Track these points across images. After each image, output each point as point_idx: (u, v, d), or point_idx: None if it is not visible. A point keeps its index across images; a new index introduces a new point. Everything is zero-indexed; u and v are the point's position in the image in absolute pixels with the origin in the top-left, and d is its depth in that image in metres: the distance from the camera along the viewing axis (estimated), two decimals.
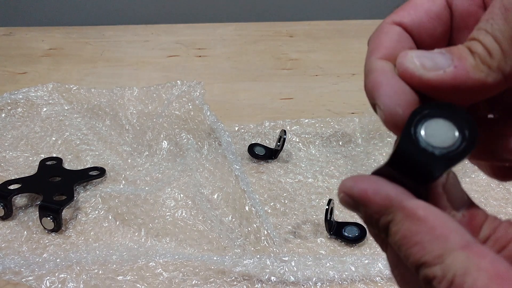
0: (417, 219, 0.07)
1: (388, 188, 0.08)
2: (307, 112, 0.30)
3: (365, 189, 0.08)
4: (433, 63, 0.08)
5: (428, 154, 0.08)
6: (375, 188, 0.08)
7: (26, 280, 0.18)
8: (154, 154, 0.25)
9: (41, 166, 0.24)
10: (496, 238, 0.08)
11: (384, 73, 0.08)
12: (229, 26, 0.41)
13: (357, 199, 0.08)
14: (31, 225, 0.21)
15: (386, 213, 0.08)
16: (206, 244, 0.20)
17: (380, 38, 0.09)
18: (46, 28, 0.39)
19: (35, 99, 0.29)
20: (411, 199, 0.08)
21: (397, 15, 0.09)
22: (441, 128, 0.08)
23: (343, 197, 0.08)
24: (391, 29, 0.09)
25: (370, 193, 0.08)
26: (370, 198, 0.08)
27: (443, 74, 0.08)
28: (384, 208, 0.08)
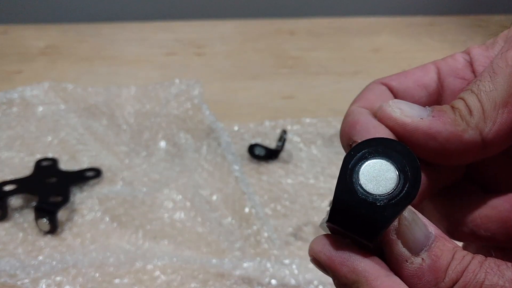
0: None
1: (355, 259, 0.08)
2: (309, 112, 0.29)
3: (332, 257, 0.08)
4: (412, 110, 0.08)
5: (368, 204, 0.07)
6: (342, 258, 0.08)
7: (22, 283, 0.18)
8: (152, 154, 0.25)
9: (36, 167, 0.24)
10: (464, 283, 0.07)
11: (361, 114, 0.09)
12: (228, 24, 0.40)
13: (325, 265, 0.08)
14: (26, 226, 0.21)
15: (353, 285, 0.08)
16: (205, 247, 0.20)
17: (364, 93, 0.09)
18: (42, 26, 0.39)
19: (30, 99, 0.28)
20: (378, 277, 0.07)
21: (386, 78, 0.09)
22: (380, 170, 0.07)
23: (312, 260, 0.08)
24: (376, 86, 0.09)
25: (337, 262, 0.08)
26: (337, 268, 0.08)
27: (419, 121, 0.08)
28: (350, 281, 0.08)
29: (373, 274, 0.07)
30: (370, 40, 0.38)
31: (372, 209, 0.07)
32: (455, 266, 0.07)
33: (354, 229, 0.07)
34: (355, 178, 0.07)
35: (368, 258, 0.08)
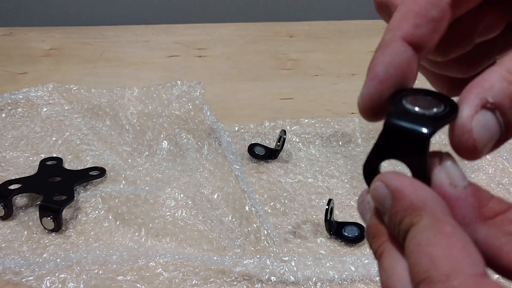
0: (440, 232, 0.07)
1: (426, 194, 0.08)
2: (307, 112, 0.30)
3: (405, 184, 0.08)
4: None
5: (419, 115, 0.08)
6: (415, 188, 0.08)
7: (26, 280, 0.18)
8: (154, 154, 0.25)
9: (41, 166, 0.24)
10: (508, 218, 0.07)
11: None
12: (229, 26, 0.41)
13: (393, 191, 0.08)
14: (31, 225, 0.21)
15: (413, 215, 0.07)
16: (206, 244, 0.20)
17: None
18: (46, 28, 0.39)
19: (35, 99, 0.29)
20: (445, 213, 0.07)
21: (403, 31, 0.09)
22: (423, 100, 0.08)
23: (378, 186, 0.08)
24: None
25: (408, 189, 0.08)
26: (406, 194, 0.08)
27: None
28: (414, 209, 0.07)
29: (441, 210, 0.07)
30: (367, 42, 0.39)
31: (422, 118, 0.08)
32: (497, 203, 0.07)
33: (404, 143, 0.08)
34: (404, 101, 0.08)
35: (439, 199, 0.08)
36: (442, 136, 0.26)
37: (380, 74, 0.08)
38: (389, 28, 0.09)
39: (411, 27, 0.09)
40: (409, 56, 0.09)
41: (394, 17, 0.09)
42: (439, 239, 0.07)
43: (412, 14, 0.09)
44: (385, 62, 0.08)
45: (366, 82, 0.08)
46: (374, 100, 0.08)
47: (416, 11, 0.09)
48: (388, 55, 0.08)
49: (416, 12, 0.09)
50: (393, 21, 0.09)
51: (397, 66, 0.08)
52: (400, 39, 0.09)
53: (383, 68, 0.08)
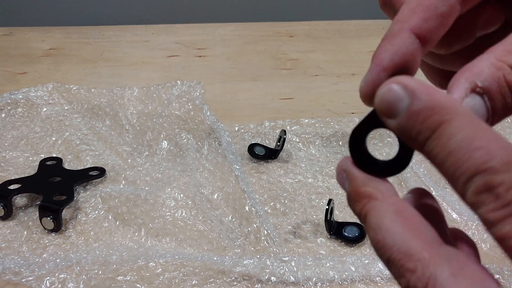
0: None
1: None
2: (307, 112, 0.30)
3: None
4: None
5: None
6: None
7: (26, 280, 0.18)
8: (154, 154, 0.25)
9: (41, 166, 0.24)
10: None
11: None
12: (229, 26, 0.40)
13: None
14: (31, 225, 0.21)
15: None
16: (206, 244, 0.20)
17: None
18: (46, 28, 0.39)
19: (35, 99, 0.29)
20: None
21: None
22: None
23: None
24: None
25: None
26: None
27: None
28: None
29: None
30: (367, 42, 0.39)
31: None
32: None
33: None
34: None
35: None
36: None
37: (385, 62, 0.09)
38: (398, 20, 0.09)
39: (420, 20, 0.09)
40: (414, 47, 0.09)
41: (403, 10, 0.09)
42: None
43: (421, 8, 0.09)
44: (391, 51, 0.09)
45: (371, 68, 0.09)
46: (376, 85, 0.08)
47: (426, 5, 0.09)
48: (395, 44, 0.09)
49: (426, 6, 0.09)
50: (402, 13, 0.09)
51: (402, 55, 0.09)
52: (408, 30, 0.09)
53: (389, 56, 0.09)
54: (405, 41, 0.09)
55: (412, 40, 0.09)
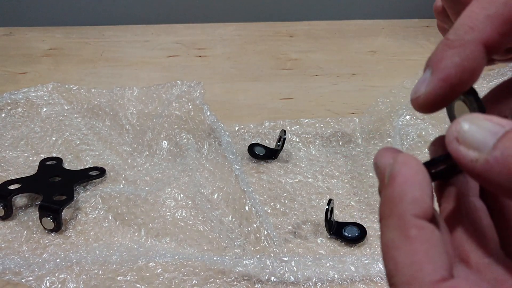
0: (405, 236, 0.07)
1: (409, 186, 0.07)
2: (307, 112, 0.30)
3: (403, 169, 0.07)
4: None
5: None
6: (405, 177, 0.07)
7: (26, 280, 0.18)
8: (154, 154, 0.25)
9: (41, 166, 0.24)
10: None
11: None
12: (229, 26, 0.41)
13: (391, 174, 0.07)
14: (31, 225, 0.21)
15: (390, 206, 0.07)
16: (206, 244, 0.20)
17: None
18: (46, 28, 0.39)
19: (35, 99, 0.29)
20: (412, 215, 0.07)
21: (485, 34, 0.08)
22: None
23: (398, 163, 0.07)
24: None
25: (400, 176, 0.07)
26: (397, 182, 0.07)
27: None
28: (391, 201, 0.07)
29: (410, 208, 0.07)
30: (367, 42, 0.39)
31: None
32: None
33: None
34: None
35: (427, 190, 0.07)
36: None
37: (454, 79, 0.08)
38: (470, 26, 0.08)
39: (497, 34, 0.08)
40: (484, 62, 0.08)
41: (477, 14, 0.08)
42: (403, 244, 0.07)
43: (501, 19, 0.08)
44: (460, 66, 0.08)
45: (434, 82, 0.08)
46: (438, 100, 0.08)
47: (506, 17, 0.08)
48: (465, 59, 0.08)
49: (507, 19, 0.08)
50: (476, 20, 0.08)
51: (471, 71, 0.08)
52: (481, 43, 0.08)
53: (458, 72, 0.08)
54: (476, 56, 0.08)
55: (483, 55, 0.08)
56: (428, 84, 0.08)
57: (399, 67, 0.35)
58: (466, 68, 0.08)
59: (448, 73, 0.08)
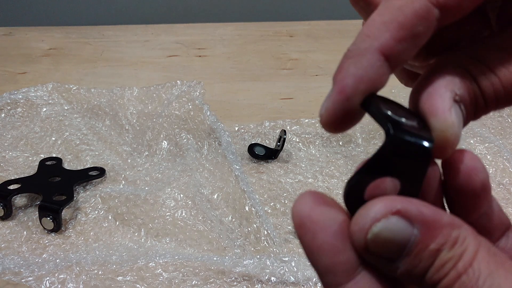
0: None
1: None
2: (307, 112, 0.30)
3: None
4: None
5: (414, 128, 0.07)
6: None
7: (26, 280, 0.18)
8: (154, 154, 0.25)
9: (40, 166, 0.24)
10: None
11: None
12: (229, 26, 0.40)
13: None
14: (30, 225, 0.21)
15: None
16: (206, 245, 0.20)
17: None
18: (46, 28, 0.39)
19: (34, 99, 0.29)
20: (333, 284, 0.07)
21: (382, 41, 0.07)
22: (399, 110, 0.07)
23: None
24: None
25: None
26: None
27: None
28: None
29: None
30: None
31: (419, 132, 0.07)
32: (432, 275, 0.06)
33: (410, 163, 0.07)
34: (390, 114, 0.07)
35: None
36: None
37: (349, 89, 0.07)
38: (366, 34, 0.08)
39: (393, 40, 0.07)
40: (383, 71, 0.07)
41: (374, 22, 0.08)
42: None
43: (395, 24, 0.07)
44: (356, 76, 0.07)
45: (333, 95, 0.07)
46: (338, 114, 0.07)
47: (401, 22, 0.07)
48: (361, 68, 0.07)
49: (401, 24, 0.07)
50: (372, 27, 0.08)
51: (369, 81, 0.07)
52: (377, 51, 0.07)
53: (354, 82, 0.07)
54: (374, 65, 0.07)
55: (381, 64, 0.07)
56: (328, 99, 0.07)
57: None
58: (363, 78, 0.07)
59: (344, 84, 0.07)
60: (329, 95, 0.08)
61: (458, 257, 0.06)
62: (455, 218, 0.07)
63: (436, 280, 0.07)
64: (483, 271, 0.06)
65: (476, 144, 0.26)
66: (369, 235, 0.07)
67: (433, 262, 0.07)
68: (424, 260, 0.07)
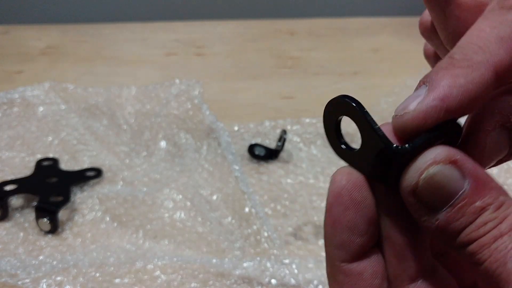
0: (334, 280, 0.07)
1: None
2: (308, 112, 0.29)
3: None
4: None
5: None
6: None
7: (23, 282, 0.18)
8: (152, 154, 0.25)
9: (37, 167, 0.24)
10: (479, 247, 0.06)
11: None
12: (228, 24, 0.40)
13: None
14: (27, 226, 0.21)
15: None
16: (205, 246, 0.20)
17: None
18: (43, 27, 0.39)
19: (31, 99, 0.28)
20: (340, 261, 0.07)
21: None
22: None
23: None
24: None
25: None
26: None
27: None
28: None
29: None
30: (369, 40, 0.38)
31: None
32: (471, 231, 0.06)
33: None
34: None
35: None
36: None
37: (453, 100, 0.06)
38: (480, 46, 0.07)
39: (509, 58, 0.07)
40: (490, 90, 0.07)
41: (486, 34, 0.07)
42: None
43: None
44: (464, 88, 0.06)
45: (430, 99, 0.07)
46: (428, 123, 0.07)
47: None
48: (471, 81, 0.06)
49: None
50: (486, 40, 0.07)
51: (474, 98, 0.07)
52: (493, 67, 0.07)
53: (460, 94, 0.06)
54: (485, 81, 0.06)
55: (492, 82, 0.07)
56: (422, 101, 0.07)
57: (402, 66, 0.35)
58: (471, 93, 0.07)
59: (448, 93, 0.07)
60: (420, 97, 0.07)
61: (501, 219, 0.06)
62: (502, 186, 0.07)
63: (473, 237, 0.06)
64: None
65: None
66: (424, 175, 0.07)
67: (475, 218, 0.06)
68: (467, 215, 0.06)
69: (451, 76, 0.07)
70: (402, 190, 0.07)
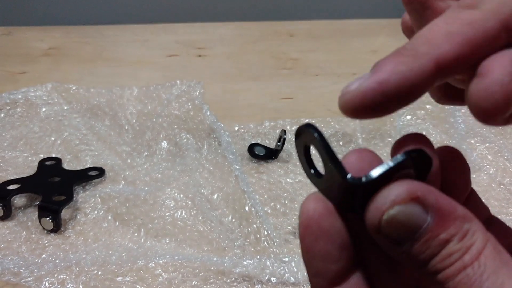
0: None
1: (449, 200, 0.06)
2: (307, 112, 0.30)
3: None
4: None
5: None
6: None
7: (25, 281, 0.18)
8: (154, 154, 0.25)
9: (40, 166, 0.24)
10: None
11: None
12: (229, 26, 0.40)
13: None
14: (30, 225, 0.21)
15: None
16: (206, 245, 0.20)
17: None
18: (45, 28, 0.39)
19: (34, 99, 0.29)
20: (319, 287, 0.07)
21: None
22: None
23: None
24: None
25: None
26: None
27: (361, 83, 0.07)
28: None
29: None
30: (368, 41, 0.38)
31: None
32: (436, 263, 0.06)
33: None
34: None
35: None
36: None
37: (390, 86, 0.07)
38: (427, 38, 0.07)
39: (452, 53, 0.07)
40: (430, 82, 0.07)
41: (438, 28, 0.07)
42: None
43: (461, 39, 0.07)
44: (403, 77, 0.07)
45: (370, 82, 0.07)
46: (366, 103, 0.07)
47: (468, 38, 0.07)
48: (411, 71, 0.07)
49: (468, 40, 0.07)
50: (436, 33, 0.07)
51: (412, 87, 0.07)
52: (434, 60, 0.07)
53: (398, 82, 0.07)
54: (424, 72, 0.07)
55: (433, 74, 0.07)
56: (362, 83, 0.07)
57: None
58: (408, 80, 0.07)
59: (387, 78, 0.07)
60: (364, 78, 0.07)
61: (466, 249, 0.06)
62: (468, 211, 0.07)
63: (439, 268, 0.06)
64: (488, 266, 0.06)
65: (476, 144, 0.26)
66: (385, 216, 0.07)
67: (440, 250, 0.06)
68: (432, 247, 0.07)
69: (395, 63, 0.07)
70: (367, 226, 0.07)
